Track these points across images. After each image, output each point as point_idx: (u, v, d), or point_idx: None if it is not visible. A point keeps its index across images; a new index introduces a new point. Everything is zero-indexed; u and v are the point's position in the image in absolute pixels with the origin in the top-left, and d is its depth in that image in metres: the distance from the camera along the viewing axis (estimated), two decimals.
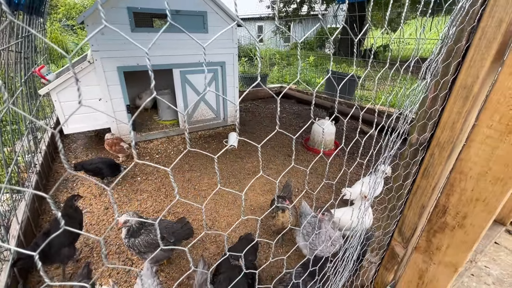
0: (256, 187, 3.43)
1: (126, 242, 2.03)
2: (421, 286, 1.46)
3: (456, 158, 1.16)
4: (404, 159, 1.34)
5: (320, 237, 1.99)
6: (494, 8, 0.95)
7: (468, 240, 1.19)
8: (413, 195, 1.38)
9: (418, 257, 1.44)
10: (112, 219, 2.79)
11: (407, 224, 1.45)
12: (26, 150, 3.06)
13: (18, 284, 1.92)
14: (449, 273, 1.30)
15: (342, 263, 1.55)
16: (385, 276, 1.66)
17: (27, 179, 2.86)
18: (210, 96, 4.96)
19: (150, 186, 3.39)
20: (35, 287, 2.04)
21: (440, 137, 1.20)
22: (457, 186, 1.17)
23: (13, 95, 2.86)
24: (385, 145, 1.32)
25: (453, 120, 1.14)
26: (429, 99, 1.18)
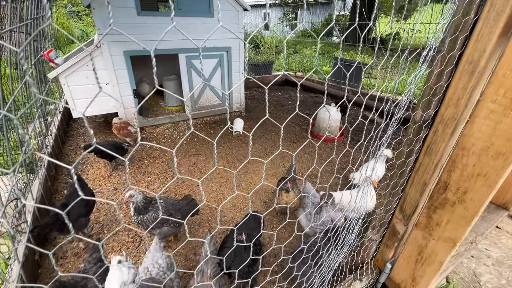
0: (261, 171, 3.48)
1: (135, 219, 2.12)
2: (420, 261, 1.50)
3: (459, 134, 1.17)
4: (407, 136, 1.35)
5: (321, 218, 2.03)
6: None
7: (467, 215, 1.21)
8: (415, 172, 1.40)
9: (418, 234, 1.48)
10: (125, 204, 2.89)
11: (408, 202, 1.48)
12: (38, 132, 3.15)
13: (35, 255, 2.03)
14: (448, 248, 1.34)
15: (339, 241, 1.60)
16: (385, 253, 1.71)
17: (40, 160, 2.96)
18: (215, 82, 4.95)
19: (157, 169, 3.47)
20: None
21: (444, 114, 1.21)
22: (459, 162, 1.19)
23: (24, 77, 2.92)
24: (384, 129, 1.34)
25: (458, 96, 1.14)
26: (434, 75, 1.18)
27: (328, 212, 2.01)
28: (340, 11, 19.28)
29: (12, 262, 1.72)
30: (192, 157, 3.77)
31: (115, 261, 1.70)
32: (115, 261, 1.70)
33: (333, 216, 2.00)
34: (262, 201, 2.95)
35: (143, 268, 1.75)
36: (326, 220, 1.95)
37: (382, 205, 1.57)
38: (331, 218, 1.99)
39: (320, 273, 1.47)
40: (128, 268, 1.67)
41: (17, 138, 2.63)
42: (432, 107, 1.23)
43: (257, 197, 3.00)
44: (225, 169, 3.53)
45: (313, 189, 2.42)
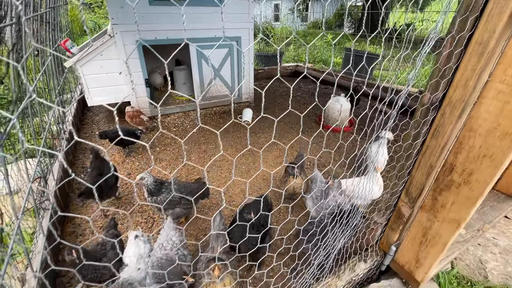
0: (269, 159, 3.54)
1: (149, 200, 2.22)
2: (424, 243, 1.54)
3: (466, 116, 1.18)
4: (414, 119, 1.37)
5: (328, 202, 2.08)
6: None
7: (472, 196, 1.24)
8: (422, 155, 1.42)
9: (423, 216, 1.51)
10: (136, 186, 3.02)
11: (414, 185, 1.51)
12: (56, 119, 3.29)
13: (57, 231, 2.17)
14: (452, 229, 1.36)
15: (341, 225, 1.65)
16: (390, 236, 1.75)
17: (58, 144, 3.11)
18: (225, 73, 4.99)
19: (168, 156, 3.58)
20: (70, 235, 2.30)
21: (452, 96, 1.22)
22: (465, 144, 1.21)
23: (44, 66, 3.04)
24: (388, 116, 1.36)
25: (467, 77, 1.15)
26: (443, 57, 1.19)
27: (334, 196, 2.05)
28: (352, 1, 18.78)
29: (37, 235, 1.85)
30: (202, 145, 3.86)
31: (133, 236, 1.81)
32: (132, 236, 1.81)
33: (338, 200, 2.05)
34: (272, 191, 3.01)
35: (158, 244, 1.85)
36: (332, 203, 2.00)
37: (388, 188, 1.60)
38: (336, 202, 2.04)
39: (325, 247, 1.54)
40: (144, 242, 1.78)
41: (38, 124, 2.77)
42: (440, 89, 1.25)
43: (265, 184, 3.07)
44: (233, 157, 3.60)
45: (320, 175, 2.46)
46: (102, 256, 1.68)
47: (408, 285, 1.76)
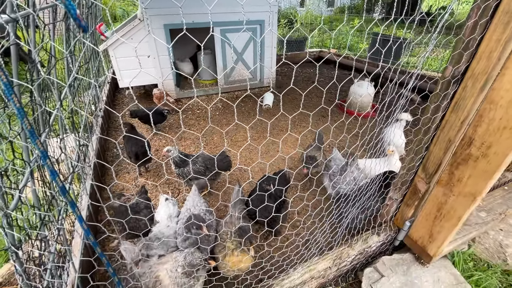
0: (288, 141, 3.62)
1: (177, 171, 2.42)
2: (439, 217, 1.57)
3: (488, 88, 1.19)
4: (434, 92, 1.38)
5: (345, 178, 2.14)
6: None
7: (489, 169, 1.25)
8: (441, 130, 1.44)
9: (439, 191, 1.54)
10: (162, 158, 3.25)
11: (431, 160, 1.53)
12: (93, 98, 3.58)
13: (97, 195, 2.44)
14: (467, 203, 1.39)
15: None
16: (405, 212, 1.79)
17: (94, 123, 3.40)
18: (248, 57, 5.05)
19: (192, 135, 3.77)
20: (107, 200, 2.57)
21: (475, 68, 1.22)
22: (485, 116, 1.22)
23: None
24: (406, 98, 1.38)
25: (491, 48, 1.15)
26: (467, 27, 1.19)
27: (352, 173, 2.11)
28: None
29: (81, 194, 2.11)
30: (224, 127, 4.01)
31: (163, 198, 2.01)
32: (163, 199, 2.01)
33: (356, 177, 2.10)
34: (288, 167, 3.11)
35: (185, 208, 2.04)
36: (348, 179, 2.06)
37: (405, 163, 1.63)
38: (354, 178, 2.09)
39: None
40: (173, 204, 1.97)
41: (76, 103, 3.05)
42: (463, 61, 1.24)
43: (283, 164, 3.16)
44: (254, 138, 3.72)
45: (339, 154, 2.51)
46: (137, 212, 1.89)
47: (421, 260, 1.81)
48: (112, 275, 0.94)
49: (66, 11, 0.49)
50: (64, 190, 0.61)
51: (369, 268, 1.78)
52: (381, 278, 1.70)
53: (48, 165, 0.56)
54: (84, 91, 3.42)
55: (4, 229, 0.72)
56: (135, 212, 1.85)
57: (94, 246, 0.78)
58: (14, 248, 0.75)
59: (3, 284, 1.73)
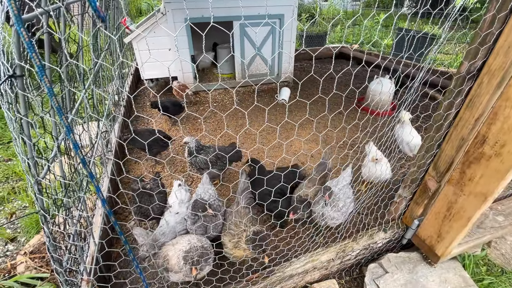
0: (302, 136, 3.63)
1: (189, 159, 2.53)
2: (448, 217, 1.55)
3: (504, 85, 1.15)
4: (448, 88, 1.35)
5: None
6: None
7: (502, 169, 1.22)
8: (454, 128, 1.41)
9: (449, 190, 1.51)
10: (179, 147, 3.39)
11: (443, 158, 1.50)
12: (116, 89, 3.79)
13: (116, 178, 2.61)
14: (477, 203, 1.36)
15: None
16: (414, 210, 1.77)
17: (117, 112, 3.60)
18: (266, 51, 5.06)
19: (208, 127, 3.88)
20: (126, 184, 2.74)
21: (492, 64, 1.18)
22: (500, 114, 1.19)
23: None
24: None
25: (510, 43, 1.11)
26: (485, 21, 1.15)
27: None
28: None
29: (103, 177, 2.28)
30: (239, 120, 4.09)
31: (176, 184, 2.12)
32: (176, 184, 2.12)
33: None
34: (300, 161, 3.13)
35: (196, 195, 2.14)
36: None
37: (416, 159, 1.61)
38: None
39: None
40: (185, 190, 2.07)
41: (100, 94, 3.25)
42: (479, 57, 1.21)
43: (296, 159, 3.19)
44: (268, 132, 3.76)
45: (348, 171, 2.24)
46: (151, 196, 2.01)
47: (428, 260, 1.78)
48: (124, 242, 1.04)
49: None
50: (85, 162, 0.70)
51: (373, 263, 1.79)
52: (385, 274, 1.70)
53: (72, 139, 0.64)
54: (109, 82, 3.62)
55: (35, 194, 0.84)
56: (149, 196, 1.97)
57: (109, 214, 0.88)
58: (43, 212, 0.86)
59: (33, 252, 1.93)
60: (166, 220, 1.90)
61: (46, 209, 0.88)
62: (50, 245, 0.89)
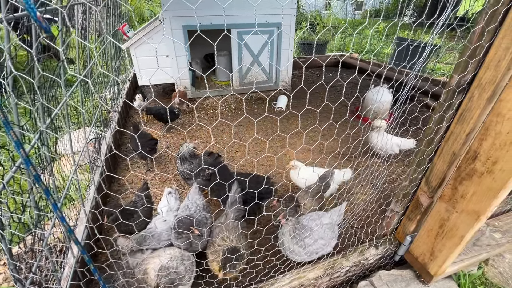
0: (297, 146, 3.57)
1: (178, 167, 2.49)
2: (440, 234, 1.49)
3: (495, 100, 1.10)
4: (438, 102, 1.30)
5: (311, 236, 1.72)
6: None
7: (494, 187, 1.17)
8: (445, 142, 1.36)
9: (441, 206, 1.46)
10: (172, 155, 3.34)
11: (435, 173, 1.44)
12: (112, 95, 3.77)
13: (105, 186, 2.56)
14: (470, 222, 1.30)
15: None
16: (407, 226, 1.70)
17: (112, 118, 3.58)
18: (264, 59, 5.06)
19: (203, 134, 3.85)
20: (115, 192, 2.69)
21: (483, 78, 1.14)
22: (492, 129, 1.14)
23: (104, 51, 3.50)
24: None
25: (499, 57, 1.07)
26: (474, 34, 1.11)
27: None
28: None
29: (90, 186, 2.23)
30: (235, 127, 4.05)
31: (166, 191, 2.07)
32: (166, 192, 2.07)
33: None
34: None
35: (184, 205, 2.08)
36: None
37: (407, 173, 1.55)
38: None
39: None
40: (175, 198, 2.02)
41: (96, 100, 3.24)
42: (469, 70, 1.17)
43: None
44: (262, 141, 3.72)
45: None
46: (134, 212, 1.93)
47: (421, 278, 1.70)
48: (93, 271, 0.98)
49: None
50: (38, 179, 0.65)
51: (364, 281, 1.71)
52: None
53: (22, 155, 0.60)
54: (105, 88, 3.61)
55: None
56: (131, 214, 1.88)
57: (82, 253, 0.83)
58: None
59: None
60: (155, 223, 1.84)
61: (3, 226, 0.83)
62: (9, 264, 0.84)
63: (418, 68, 1.87)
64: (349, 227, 1.74)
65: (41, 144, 1.19)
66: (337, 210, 1.77)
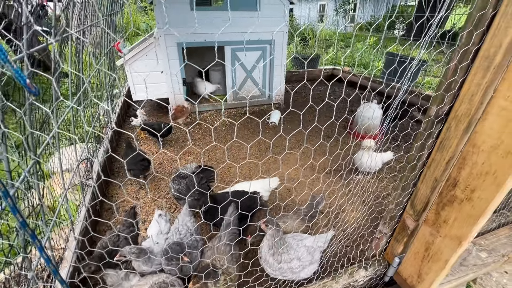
0: (291, 161, 3.61)
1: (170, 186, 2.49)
2: (426, 258, 1.51)
3: (471, 131, 1.16)
4: (419, 130, 1.36)
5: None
6: None
7: (474, 214, 1.21)
8: (427, 168, 1.41)
9: (426, 230, 1.49)
10: (165, 171, 3.34)
11: (419, 197, 1.49)
12: (105, 111, 3.79)
13: (96, 206, 2.55)
14: (453, 246, 1.34)
15: None
16: (395, 247, 1.73)
17: (105, 133, 3.58)
18: (257, 75, 5.16)
19: (196, 150, 3.86)
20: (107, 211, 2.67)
21: (458, 110, 1.20)
22: (469, 159, 1.19)
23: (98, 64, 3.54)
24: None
25: (472, 92, 1.14)
26: (450, 70, 1.18)
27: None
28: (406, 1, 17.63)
29: (81, 207, 2.22)
30: (227, 142, 4.08)
31: (157, 214, 2.07)
32: (156, 214, 2.07)
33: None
34: (286, 188, 3.10)
35: (174, 228, 2.08)
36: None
37: (392, 197, 1.59)
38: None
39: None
40: (165, 221, 2.02)
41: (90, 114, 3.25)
42: (446, 102, 1.23)
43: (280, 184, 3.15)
44: (256, 157, 3.75)
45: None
46: (117, 246, 1.86)
47: None
48: None
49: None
50: (25, 225, 0.67)
51: None
52: None
53: (9, 203, 0.62)
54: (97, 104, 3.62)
55: None
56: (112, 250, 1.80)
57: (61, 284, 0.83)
58: None
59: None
60: (148, 245, 1.81)
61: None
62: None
63: (406, 84, 1.95)
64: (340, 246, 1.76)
65: (30, 175, 1.20)
66: (323, 236, 1.79)
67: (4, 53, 0.50)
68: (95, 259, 1.67)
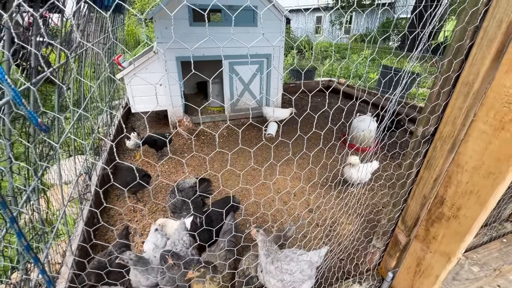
0: (286, 173, 3.66)
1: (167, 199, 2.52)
2: (418, 273, 1.55)
3: (455, 151, 1.23)
4: (407, 149, 1.42)
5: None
6: (495, 9, 1.00)
7: (461, 231, 1.26)
8: (417, 185, 1.46)
9: (417, 245, 1.53)
10: (162, 183, 3.37)
11: (409, 214, 1.54)
12: (105, 123, 3.84)
13: (94, 219, 2.56)
14: (443, 262, 1.38)
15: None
16: (388, 262, 1.76)
17: (104, 146, 3.62)
18: (254, 87, 5.27)
19: (194, 162, 3.90)
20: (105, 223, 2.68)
21: (443, 131, 1.27)
22: (454, 178, 1.25)
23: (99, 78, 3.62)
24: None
25: (455, 115, 1.20)
26: (433, 94, 1.25)
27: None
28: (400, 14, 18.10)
29: (78, 221, 2.23)
30: (225, 154, 4.12)
31: (153, 228, 2.10)
32: (153, 228, 2.10)
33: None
34: (282, 201, 3.13)
35: (170, 242, 2.10)
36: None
37: (384, 214, 1.64)
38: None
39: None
40: (161, 235, 2.04)
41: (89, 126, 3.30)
42: (431, 124, 1.30)
43: (278, 198, 3.19)
44: (253, 169, 3.79)
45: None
46: (108, 267, 1.86)
47: None
48: None
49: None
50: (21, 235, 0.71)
51: None
52: None
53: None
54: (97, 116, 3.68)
55: None
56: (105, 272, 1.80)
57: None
58: None
59: None
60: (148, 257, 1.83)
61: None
62: None
63: (398, 95, 2.03)
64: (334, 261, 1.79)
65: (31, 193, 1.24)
66: (316, 252, 1.82)
67: (18, 94, 0.55)
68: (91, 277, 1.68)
